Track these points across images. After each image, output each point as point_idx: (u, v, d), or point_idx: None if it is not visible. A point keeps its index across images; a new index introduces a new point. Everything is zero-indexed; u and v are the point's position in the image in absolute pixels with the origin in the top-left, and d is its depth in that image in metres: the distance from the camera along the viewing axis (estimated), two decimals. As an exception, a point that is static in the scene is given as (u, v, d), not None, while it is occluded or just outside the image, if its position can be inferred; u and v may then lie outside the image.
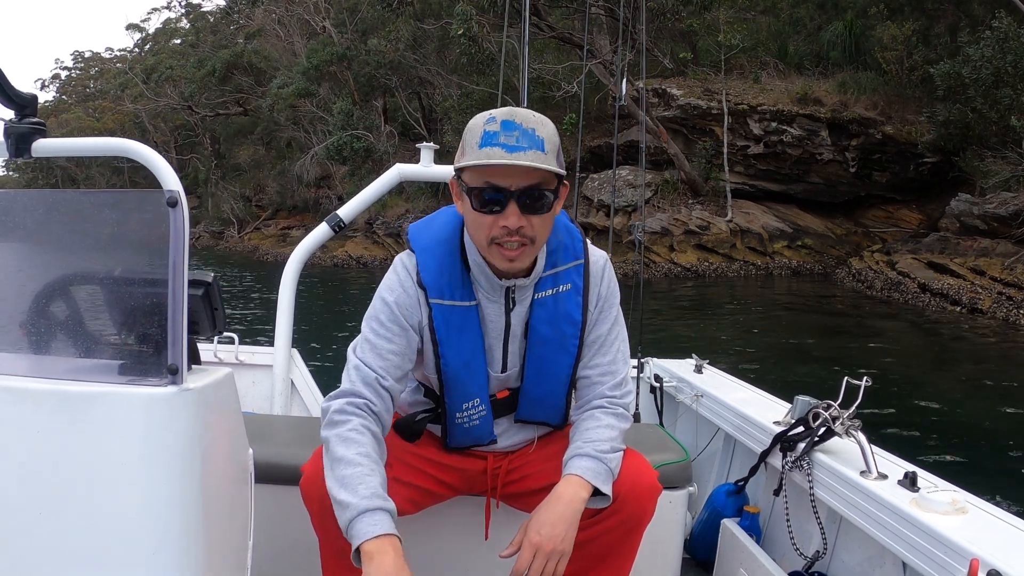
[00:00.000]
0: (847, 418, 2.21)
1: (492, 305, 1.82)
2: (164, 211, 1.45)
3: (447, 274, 1.80)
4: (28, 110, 1.58)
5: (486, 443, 1.94)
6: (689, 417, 3.36)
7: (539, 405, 1.91)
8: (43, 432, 1.44)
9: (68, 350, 1.64)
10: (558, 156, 1.70)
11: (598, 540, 1.80)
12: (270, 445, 1.82)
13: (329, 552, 1.78)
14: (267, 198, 36.13)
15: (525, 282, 1.80)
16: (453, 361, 1.82)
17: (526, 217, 1.66)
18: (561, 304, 1.83)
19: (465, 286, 1.80)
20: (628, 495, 1.77)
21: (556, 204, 1.72)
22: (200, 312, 1.69)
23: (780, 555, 2.48)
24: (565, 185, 1.74)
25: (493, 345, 1.85)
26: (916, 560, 1.82)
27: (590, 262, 1.87)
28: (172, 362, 1.45)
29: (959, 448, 6.87)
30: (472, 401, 1.87)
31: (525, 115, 1.66)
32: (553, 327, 1.82)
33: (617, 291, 1.92)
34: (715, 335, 12.84)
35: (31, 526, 1.44)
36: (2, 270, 1.71)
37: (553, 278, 1.83)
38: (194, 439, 1.48)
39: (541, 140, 1.64)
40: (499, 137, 1.63)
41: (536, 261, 1.80)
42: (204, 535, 1.50)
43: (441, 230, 1.85)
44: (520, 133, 1.63)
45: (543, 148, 1.64)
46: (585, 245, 1.89)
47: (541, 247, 1.76)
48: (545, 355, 1.84)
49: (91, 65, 61.84)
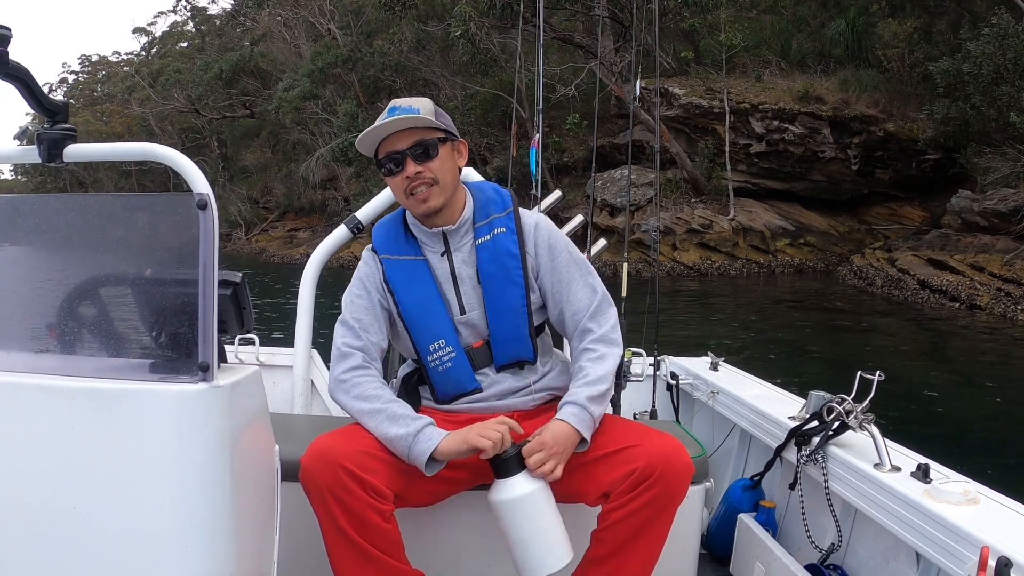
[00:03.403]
0: (860, 412, 2.26)
1: (435, 256, 2.13)
2: (194, 213, 1.48)
3: (392, 236, 2.18)
4: (60, 116, 1.61)
5: (471, 391, 2.11)
6: (705, 414, 3.40)
7: (508, 344, 2.11)
8: (76, 429, 1.46)
9: (100, 349, 1.67)
10: (435, 115, 2.05)
11: (633, 517, 1.89)
12: (293, 444, 1.84)
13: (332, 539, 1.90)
14: (274, 200, 36.31)
15: (451, 227, 2.11)
16: (410, 305, 2.10)
17: (422, 164, 2.04)
18: (499, 243, 2.10)
19: (410, 244, 2.15)
20: (665, 472, 1.87)
21: (446, 150, 2.08)
22: (229, 311, 1.72)
23: (796, 549, 2.52)
24: (462, 141, 2.13)
25: (446, 291, 2.11)
26: (929, 550, 1.85)
27: (520, 211, 2.16)
28: (203, 359, 1.48)
29: (960, 444, 6.97)
30: (438, 342, 2.09)
31: (403, 99, 2.08)
32: (497, 263, 2.09)
33: (562, 238, 2.16)
34: (718, 333, 12.95)
35: (64, 521, 1.46)
36: (35, 272, 1.74)
37: (488, 225, 2.12)
38: (224, 435, 1.50)
39: (416, 109, 2.03)
40: (387, 115, 2.04)
41: (460, 211, 2.14)
42: (234, 530, 1.52)
43: (389, 209, 2.27)
44: (400, 111, 2.03)
45: (418, 113, 2.03)
46: (514, 199, 2.18)
47: (451, 188, 2.09)
48: (496, 291, 2.09)
49: (98, 69, 62.04)
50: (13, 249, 1.72)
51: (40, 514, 1.46)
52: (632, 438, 1.96)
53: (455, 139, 2.12)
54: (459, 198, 2.14)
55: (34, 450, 1.47)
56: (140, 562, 1.45)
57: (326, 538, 1.89)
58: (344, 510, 1.84)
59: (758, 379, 3.36)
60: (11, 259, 1.74)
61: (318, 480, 1.84)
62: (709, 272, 19.87)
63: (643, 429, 2.05)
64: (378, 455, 1.91)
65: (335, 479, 1.83)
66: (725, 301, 16.66)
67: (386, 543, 1.88)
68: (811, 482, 2.42)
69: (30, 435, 1.48)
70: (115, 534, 1.45)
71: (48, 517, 1.46)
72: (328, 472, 1.83)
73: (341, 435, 1.95)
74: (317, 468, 1.84)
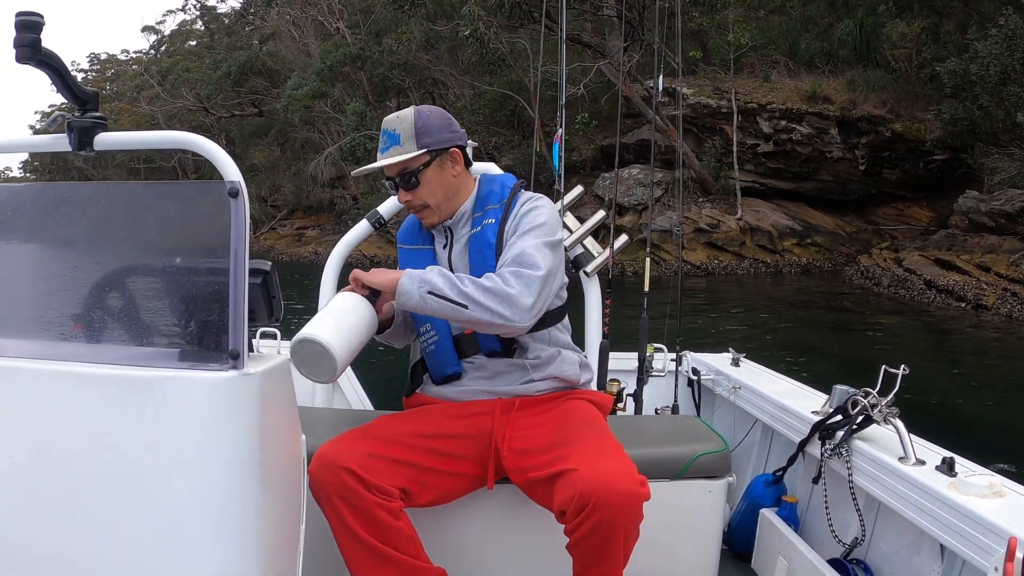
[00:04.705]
0: (885, 405, 2.26)
1: (439, 247, 2.25)
2: (225, 201, 1.49)
3: (410, 228, 2.33)
4: (90, 105, 1.60)
5: (451, 374, 2.18)
6: (726, 409, 3.40)
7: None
8: (107, 416, 1.46)
9: (130, 337, 1.67)
10: (416, 138, 2.11)
11: (586, 540, 1.84)
12: (315, 435, 1.83)
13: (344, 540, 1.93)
14: (282, 198, 36.40)
15: (450, 222, 2.22)
16: None
17: (410, 192, 2.16)
18: (484, 234, 2.16)
19: (422, 234, 2.28)
20: (601, 502, 1.78)
21: (432, 171, 2.14)
22: (258, 300, 1.71)
23: (818, 543, 2.50)
24: (453, 151, 2.16)
25: None
26: (955, 543, 1.84)
27: (518, 198, 2.20)
28: (233, 347, 1.47)
29: (963, 441, 7.03)
30: (425, 325, 2.20)
31: (390, 119, 2.16)
32: (479, 254, 2.15)
33: (538, 215, 2.11)
34: (726, 332, 13.01)
35: (95, 508, 1.46)
36: (67, 260, 1.75)
37: (482, 217, 2.19)
38: (254, 422, 1.49)
39: (398, 136, 2.12)
40: (380, 143, 2.16)
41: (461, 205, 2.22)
42: (262, 517, 1.51)
43: None
44: (386, 137, 2.14)
45: (399, 141, 2.11)
46: (513, 191, 2.21)
47: (445, 202, 2.19)
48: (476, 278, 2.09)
49: (107, 67, 62.23)
50: (45, 238, 1.73)
51: (71, 501, 1.47)
52: (579, 459, 1.88)
53: (443, 152, 2.15)
54: (461, 196, 2.21)
55: (65, 437, 1.48)
56: (170, 549, 1.45)
57: (341, 545, 1.92)
58: (354, 512, 1.88)
59: (779, 375, 3.34)
60: (43, 248, 1.75)
61: (325, 486, 1.89)
62: (716, 272, 19.90)
63: (597, 448, 1.94)
64: (381, 455, 1.95)
65: (340, 483, 1.88)
66: (732, 300, 16.70)
67: (401, 540, 1.92)
68: (835, 476, 2.40)
69: (62, 422, 1.48)
70: (145, 521, 1.45)
71: (78, 504, 1.47)
72: (333, 477, 1.88)
73: (344, 440, 1.99)
74: (322, 474, 1.90)
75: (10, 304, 1.75)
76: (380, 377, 3.74)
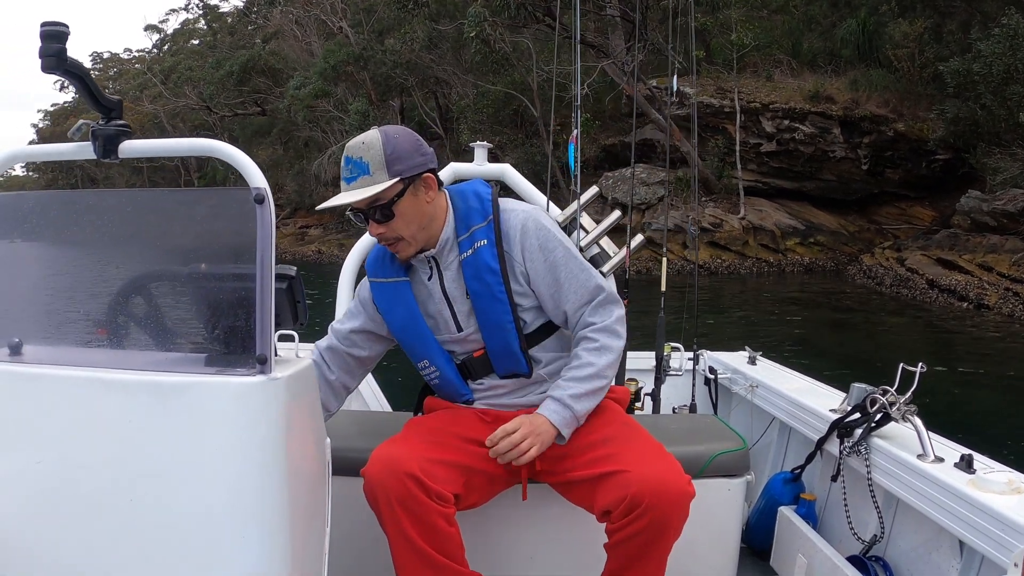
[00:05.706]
0: (903, 403, 2.26)
1: (425, 279, 2.11)
2: (251, 207, 1.48)
3: (381, 260, 2.16)
4: (115, 113, 1.60)
5: (462, 400, 2.15)
6: (744, 407, 3.40)
7: (504, 358, 2.09)
8: (134, 421, 1.46)
9: (157, 343, 1.68)
10: (387, 165, 1.95)
11: (632, 540, 1.87)
12: (336, 438, 1.82)
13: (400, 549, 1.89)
14: (285, 197, 36.42)
15: (432, 251, 2.06)
16: (395, 326, 2.14)
17: (382, 225, 1.99)
18: (480, 258, 2.04)
19: (395, 265, 2.12)
20: (654, 503, 1.82)
21: (406, 201, 1.97)
22: (284, 305, 1.69)
23: (837, 541, 2.50)
24: (421, 177, 1.98)
25: (441, 310, 2.10)
26: (974, 539, 1.84)
27: (500, 218, 2.07)
28: (260, 352, 1.47)
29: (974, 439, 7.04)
30: (423, 362, 2.14)
31: (354, 145, 1.98)
32: (479, 280, 2.04)
33: (551, 235, 2.07)
34: (730, 332, 13.05)
35: (123, 513, 1.46)
36: (93, 267, 1.76)
37: (470, 239, 2.06)
38: (281, 427, 1.49)
39: (366, 164, 1.94)
40: (344, 172, 1.99)
41: (440, 230, 2.06)
42: (289, 521, 1.51)
43: None
44: (352, 166, 1.96)
45: (368, 171, 1.94)
46: (495, 203, 2.09)
47: (418, 234, 2.03)
48: (484, 307, 2.05)
49: (110, 66, 62.23)
50: (72, 244, 1.73)
51: (98, 506, 1.47)
52: (628, 460, 1.90)
53: (416, 179, 1.99)
54: (437, 222, 2.06)
55: (93, 443, 1.48)
56: (198, 553, 1.45)
57: (393, 548, 1.89)
58: (413, 519, 1.85)
59: (796, 373, 3.34)
60: (69, 255, 1.76)
61: (387, 490, 1.85)
62: (719, 271, 19.94)
63: (644, 449, 1.97)
64: (438, 459, 1.93)
65: (403, 489, 1.84)
66: (736, 299, 16.75)
67: (452, 548, 1.90)
68: (853, 474, 2.40)
69: (89, 428, 1.48)
70: (174, 525, 1.45)
71: (106, 509, 1.47)
72: (395, 482, 1.84)
73: (399, 443, 1.97)
74: (383, 478, 1.86)
75: (38, 311, 1.76)
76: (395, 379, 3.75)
